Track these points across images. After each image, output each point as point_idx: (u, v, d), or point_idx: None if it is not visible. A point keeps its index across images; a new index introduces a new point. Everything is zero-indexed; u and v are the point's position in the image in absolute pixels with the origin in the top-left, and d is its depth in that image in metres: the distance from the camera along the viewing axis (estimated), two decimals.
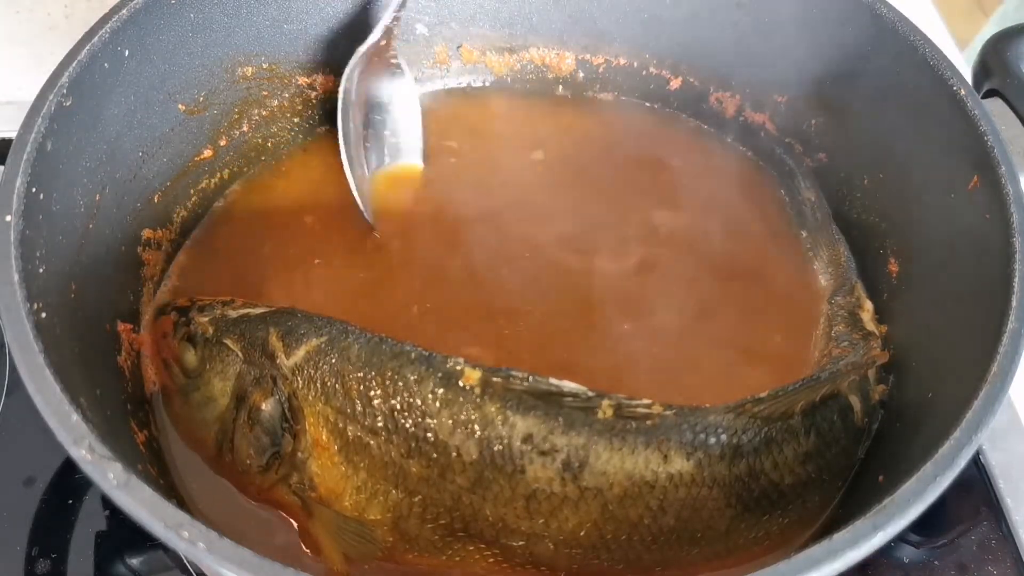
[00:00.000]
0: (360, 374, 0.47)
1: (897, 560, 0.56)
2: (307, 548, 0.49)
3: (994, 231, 0.47)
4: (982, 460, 0.59)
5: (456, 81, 0.74)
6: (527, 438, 0.45)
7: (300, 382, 0.48)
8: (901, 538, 0.56)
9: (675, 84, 0.71)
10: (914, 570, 0.56)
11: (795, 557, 0.35)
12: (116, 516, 0.54)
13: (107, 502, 0.54)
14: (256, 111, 0.67)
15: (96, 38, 0.51)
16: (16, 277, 0.41)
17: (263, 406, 0.48)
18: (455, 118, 0.72)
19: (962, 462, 0.39)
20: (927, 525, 0.55)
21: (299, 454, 0.48)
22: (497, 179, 0.68)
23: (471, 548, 0.47)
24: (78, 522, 0.54)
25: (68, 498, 0.55)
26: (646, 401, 0.46)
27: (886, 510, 0.37)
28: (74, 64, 0.49)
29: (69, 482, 0.55)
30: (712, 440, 0.46)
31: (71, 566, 0.53)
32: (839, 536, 0.36)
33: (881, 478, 0.48)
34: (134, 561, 0.54)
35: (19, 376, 0.39)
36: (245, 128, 0.67)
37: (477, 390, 0.46)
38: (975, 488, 0.58)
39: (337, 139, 0.63)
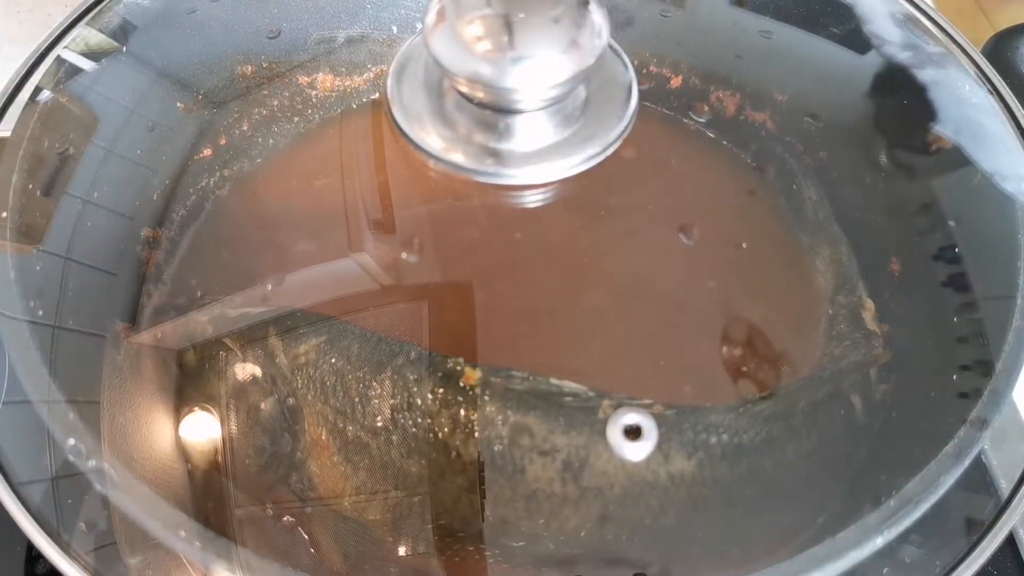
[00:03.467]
0: (360, 373, 0.47)
1: (898, 560, 0.56)
2: (307, 548, 0.49)
3: (997, 230, 0.47)
4: (983, 460, 0.59)
5: None
6: (527, 438, 0.45)
7: (299, 381, 0.48)
8: (902, 539, 0.56)
9: (675, 83, 0.71)
10: (914, 571, 0.56)
11: (797, 557, 0.35)
12: (116, 516, 0.54)
13: (107, 502, 0.54)
14: (256, 110, 0.67)
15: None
16: (12, 275, 0.41)
17: (262, 406, 0.48)
18: None
19: (965, 462, 0.39)
20: (928, 525, 0.55)
21: (298, 454, 0.48)
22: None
23: (471, 548, 0.47)
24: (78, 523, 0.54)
25: (68, 499, 0.55)
26: (647, 401, 0.46)
27: (888, 510, 0.37)
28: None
29: (69, 482, 0.55)
30: (713, 440, 0.46)
31: None
32: (841, 535, 0.36)
33: (883, 477, 0.48)
34: (133, 561, 0.54)
35: (17, 376, 0.39)
36: (245, 127, 0.66)
37: (477, 390, 0.46)
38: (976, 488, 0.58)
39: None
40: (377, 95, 0.71)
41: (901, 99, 0.57)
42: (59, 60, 0.49)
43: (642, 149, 0.72)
